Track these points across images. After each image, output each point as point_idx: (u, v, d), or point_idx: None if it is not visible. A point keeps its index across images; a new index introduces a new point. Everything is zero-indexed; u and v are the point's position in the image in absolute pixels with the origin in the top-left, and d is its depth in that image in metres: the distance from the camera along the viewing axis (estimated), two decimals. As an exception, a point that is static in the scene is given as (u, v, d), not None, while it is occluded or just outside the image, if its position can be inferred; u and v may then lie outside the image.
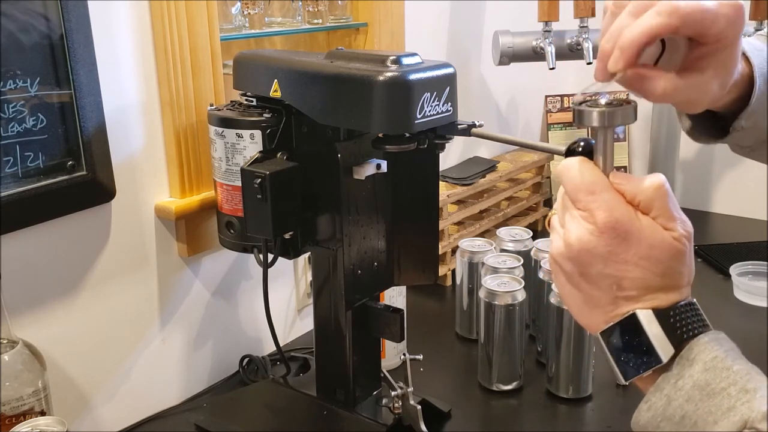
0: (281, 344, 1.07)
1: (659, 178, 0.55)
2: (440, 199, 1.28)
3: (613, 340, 0.55)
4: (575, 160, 0.57)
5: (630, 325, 0.55)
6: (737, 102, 0.65)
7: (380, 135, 0.85)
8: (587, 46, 1.52)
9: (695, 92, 0.56)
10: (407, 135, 0.84)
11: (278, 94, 0.91)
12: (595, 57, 1.52)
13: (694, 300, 0.55)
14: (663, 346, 0.53)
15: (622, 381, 0.56)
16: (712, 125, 0.69)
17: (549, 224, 0.61)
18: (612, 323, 0.55)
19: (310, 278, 1.27)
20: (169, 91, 1.01)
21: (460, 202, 1.50)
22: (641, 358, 0.54)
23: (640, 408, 0.55)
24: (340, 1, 1.31)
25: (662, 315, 0.54)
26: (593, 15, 1.52)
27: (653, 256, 0.54)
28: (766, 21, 1.55)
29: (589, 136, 0.58)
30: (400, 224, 0.99)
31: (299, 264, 1.30)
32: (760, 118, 0.65)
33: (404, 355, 1.03)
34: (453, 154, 1.67)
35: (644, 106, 0.73)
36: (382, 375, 1.04)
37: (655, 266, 0.54)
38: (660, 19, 0.51)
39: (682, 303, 0.54)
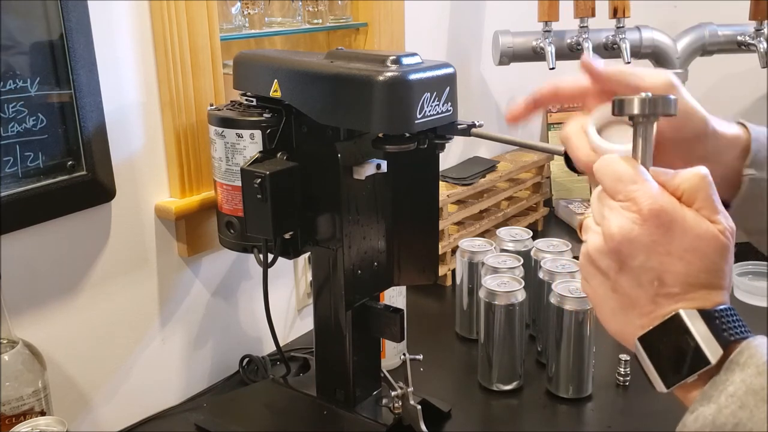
0: (281, 344, 1.07)
1: (703, 168, 0.53)
2: (440, 199, 1.27)
3: (653, 344, 0.52)
4: (614, 155, 0.55)
5: (672, 327, 0.51)
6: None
7: (380, 135, 0.85)
8: (587, 46, 1.52)
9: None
10: (407, 135, 0.84)
11: (278, 94, 0.91)
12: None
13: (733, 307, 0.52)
14: (711, 347, 0.50)
15: (663, 389, 0.52)
16: None
17: (581, 228, 0.58)
18: (652, 326, 0.52)
19: (310, 278, 1.27)
20: (169, 91, 1.01)
21: (460, 202, 1.50)
22: (685, 361, 0.50)
23: (684, 421, 0.50)
24: (340, 1, 1.31)
25: (707, 315, 0.50)
26: (593, 15, 1.51)
27: (698, 248, 0.51)
28: (766, 21, 1.54)
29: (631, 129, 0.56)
30: (400, 224, 0.99)
31: (299, 264, 1.30)
32: None
33: (404, 355, 1.03)
34: (453, 154, 1.67)
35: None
36: (382, 375, 1.04)
37: (699, 260, 0.51)
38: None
39: (725, 306, 0.51)
